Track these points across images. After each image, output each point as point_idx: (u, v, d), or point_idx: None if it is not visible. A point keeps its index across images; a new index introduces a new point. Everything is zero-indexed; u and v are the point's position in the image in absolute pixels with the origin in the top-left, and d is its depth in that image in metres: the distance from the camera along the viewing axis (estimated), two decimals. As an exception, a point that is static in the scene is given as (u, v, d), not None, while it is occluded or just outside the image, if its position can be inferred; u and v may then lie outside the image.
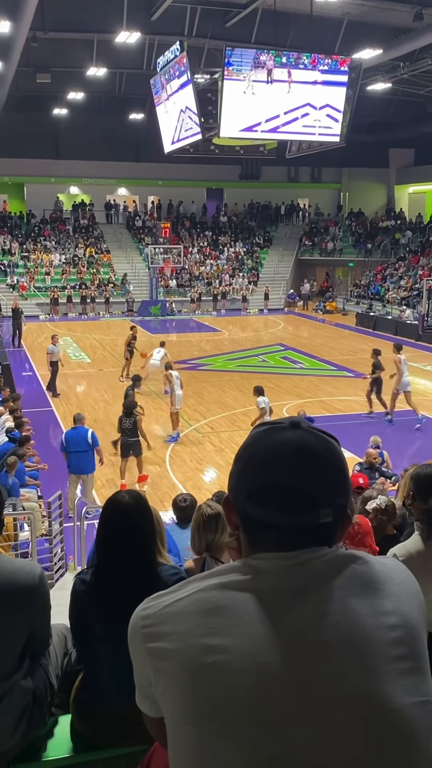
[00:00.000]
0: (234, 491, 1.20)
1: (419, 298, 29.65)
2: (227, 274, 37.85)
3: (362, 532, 4.77)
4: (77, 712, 2.51)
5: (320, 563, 1.13)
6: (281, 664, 1.05)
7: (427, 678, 1.11)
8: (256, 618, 1.08)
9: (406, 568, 1.25)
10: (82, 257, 37.06)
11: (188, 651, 1.08)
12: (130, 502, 2.43)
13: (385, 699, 1.04)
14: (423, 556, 2.95)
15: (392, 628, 1.09)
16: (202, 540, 3.53)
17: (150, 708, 1.18)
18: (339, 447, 1.21)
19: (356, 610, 1.09)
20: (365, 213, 42.72)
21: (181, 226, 40.81)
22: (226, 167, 38.40)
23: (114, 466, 12.54)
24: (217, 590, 1.12)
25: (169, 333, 30.42)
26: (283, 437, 1.17)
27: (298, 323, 33.01)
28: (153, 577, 2.37)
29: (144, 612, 1.17)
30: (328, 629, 1.07)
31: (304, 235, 41.32)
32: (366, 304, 34.90)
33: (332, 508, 1.14)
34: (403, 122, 35.69)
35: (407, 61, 25.27)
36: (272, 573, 1.12)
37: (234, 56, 17.31)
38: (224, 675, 1.05)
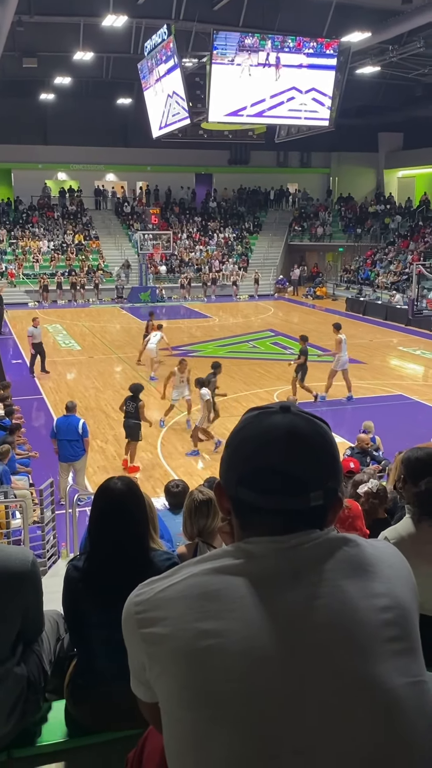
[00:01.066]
0: (225, 476, 1.20)
1: (409, 282, 29.67)
2: (217, 260, 37.72)
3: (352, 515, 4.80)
4: (71, 697, 2.52)
5: (312, 546, 1.13)
6: (275, 647, 1.05)
7: (419, 659, 1.12)
8: (249, 602, 1.08)
9: (398, 551, 1.25)
10: (70, 244, 36.84)
11: (182, 636, 1.08)
12: (123, 488, 2.43)
13: (377, 680, 1.05)
14: (414, 538, 2.96)
15: (384, 609, 1.10)
16: (194, 525, 3.54)
17: (144, 693, 1.19)
18: (329, 431, 1.21)
19: (348, 593, 1.09)
20: (355, 198, 42.63)
21: (171, 211, 40.60)
22: (215, 152, 38.15)
23: (105, 454, 12.55)
24: (210, 575, 1.12)
25: (160, 319, 30.34)
26: (273, 421, 1.17)
27: (288, 309, 32.99)
28: (146, 562, 2.37)
29: (137, 598, 1.17)
30: (321, 612, 1.08)
31: (294, 221, 41.21)
32: (356, 289, 34.92)
33: (323, 491, 1.14)
34: (393, 106, 35.53)
35: (396, 44, 25.11)
36: (264, 557, 1.12)
37: (218, 39, 17.16)
38: (218, 659, 1.05)
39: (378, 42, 24.58)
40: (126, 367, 20.00)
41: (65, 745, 2.45)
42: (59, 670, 2.66)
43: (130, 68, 24.80)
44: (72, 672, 2.56)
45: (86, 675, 2.47)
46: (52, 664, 2.65)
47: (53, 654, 2.69)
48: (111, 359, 20.83)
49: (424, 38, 23.98)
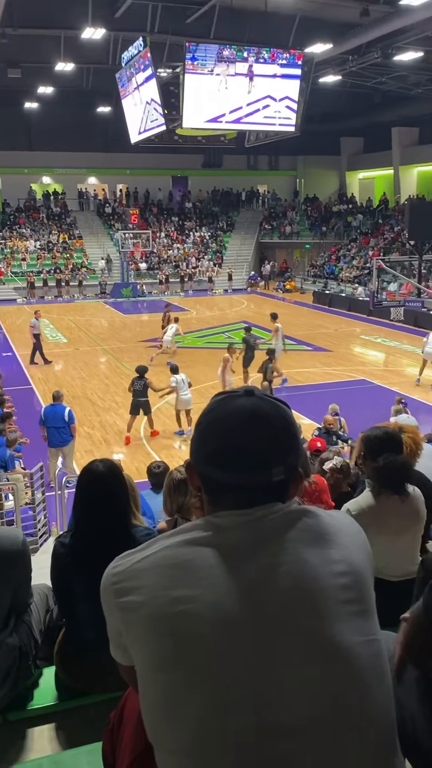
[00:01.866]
0: (195, 455, 1.20)
1: (370, 276, 29.80)
2: (193, 257, 37.58)
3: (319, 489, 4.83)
4: (60, 663, 2.52)
5: (274, 518, 1.14)
6: (241, 611, 1.06)
7: (374, 619, 1.13)
8: (217, 570, 1.09)
9: (354, 520, 1.26)
10: (56, 243, 36.48)
11: (155, 603, 1.08)
12: (104, 470, 2.42)
13: (335, 639, 1.06)
14: (373, 510, 3.00)
15: (341, 574, 1.11)
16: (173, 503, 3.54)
17: (122, 657, 1.18)
18: (290, 412, 1.21)
19: (308, 560, 1.10)
20: (320, 198, 42.65)
21: (149, 212, 40.34)
22: (190, 156, 37.96)
23: (92, 439, 12.50)
24: (182, 546, 1.12)
25: (141, 313, 30.21)
26: (238, 404, 1.17)
27: (260, 302, 32.99)
28: (127, 537, 2.37)
29: (114, 570, 1.17)
30: (283, 578, 1.08)
31: (264, 220, 41.15)
32: (322, 282, 35.00)
33: (284, 467, 1.15)
34: (353, 112, 35.55)
35: (356, 54, 25.07)
36: (231, 529, 1.13)
37: (199, 51, 17.06)
38: (189, 623, 1.05)
39: (339, 53, 24.54)
40: (110, 358, 19.89)
41: (55, 708, 2.46)
42: (49, 639, 2.67)
43: (108, 78, 24.48)
44: (61, 640, 2.57)
45: (74, 643, 2.48)
46: (42, 633, 2.66)
47: (43, 624, 2.69)
48: (96, 351, 20.70)
49: (381, 49, 23.97)
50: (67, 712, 2.43)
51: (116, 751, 1.33)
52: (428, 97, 30.39)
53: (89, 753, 1.86)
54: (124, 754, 1.28)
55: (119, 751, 1.32)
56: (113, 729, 1.37)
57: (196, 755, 1.02)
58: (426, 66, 26.81)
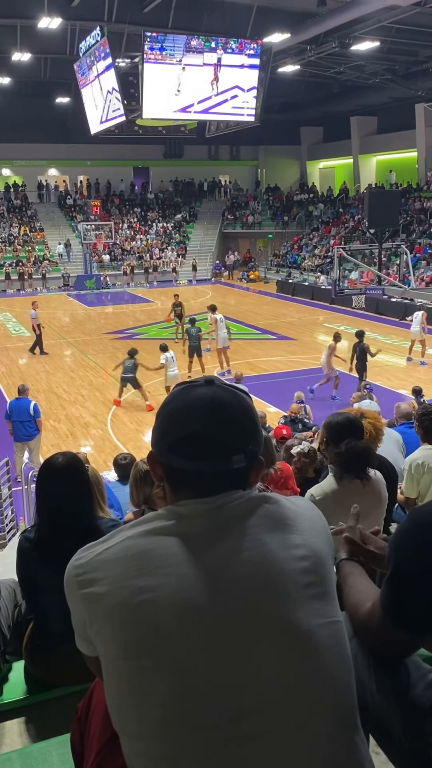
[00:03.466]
0: (156, 445, 1.20)
1: (332, 265, 30.04)
2: (157, 248, 37.36)
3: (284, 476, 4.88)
4: (30, 657, 2.51)
5: (236, 505, 1.15)
6: (204, 598, 1.06)
7: (334, 602, 1.15)
8: (180, 559, 1.09)
9: (314, 505, 1.28)
10: (17, 236, 35.87)
11: (119, 593, 1.08)
12: (63, 462, 2.41)
13: (296, 622, 1.07)
14: (336, 494, 3.04)
15: (301, 558, 1.12)
16: (140, 494, 3.52)
17: (87, 648, 1.18)
18: (250, 400, 1.22)
19: (269, 545, 1.11)
20: (281, 188, 42.74)
21: (111, 203, 39.93)
22: (151, 147, 37.69)
23: (58, 432, 12.41)
24: (145, 536, 1.13)
25: (105, 305, 29.96)
26: (198, 393, 1.18)
27: (224, 292, 32.99)
28: (92, 529, 2.36)
29: (77, 562, 1.16)
30: (245, 564, 1.09)
31: (227, 210, 41.09)
32: (285, 272, 35.13)
33: (244, 454, 1.15)
34: (312, 102, 35.66)
35: (314, 44, 25.12)
36: (193, 517, 1.13)
37: (167, 41, 16.95)
38: (153, 611, 1.06)
39: (297, 42, 24.56)
40: (75, 351, 19.70)
41: (25, 702, 2.45)
42: (18, 633, 2.65)
43: (67, 68, 24.11)
44: (29, 634, 2.55)
45: (42, 636, 2.47)
46: (11, 628, 2.64)
47: (11, 619, 2.67)
48: (60, 344, 20.47)
49: (338, 38, 24.06)
50: (37, 705, 2.42)
51: (85, 740, 1.34)
52: (385, 86, 30.63)
53: (59, 744, 1.86)
54: (93, 743, 1.29)
55: (87, 740, 1.32)
56: (81, 718, 1.38)
57: (161, 740, 1.03)
58: (383, 56, 27.00)
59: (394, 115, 34.02)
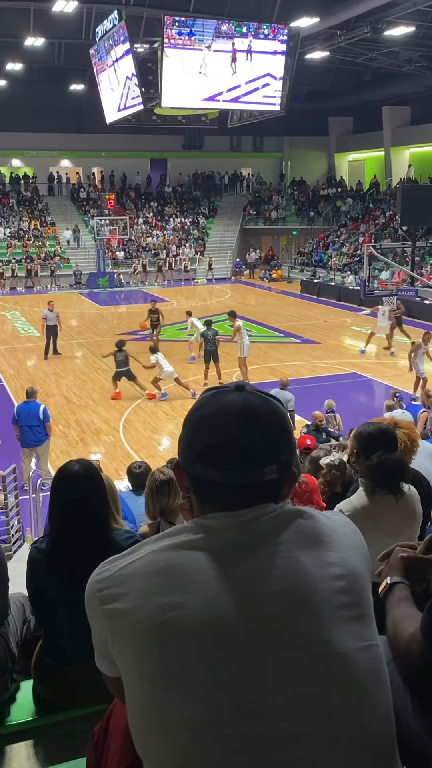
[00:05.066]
0: (183, 454, 1.21)
1: (360, 264, 29.93)
2: (174, 245, 37.50)
3: (309, 489, 4.86)
4: (39, 676, 2.52)
5: (267, 519, 1.14)
6: (233, 617, 1.06)
7: (371, 624, 1.15)
8: (208, 575, 1.09)
9: (350, 521, 1.28)
10: (27, 231, 36.19)
11: (143, 609, 1.08)
12: (80, 470, 2.42)
13: (331, 645, 1.07)
14: (367, 510, 3.02)
15: (337, 578, 1.12)
16: (156, 505, 3.53)
17: (108, 668, 1.19)
18: (282, 407, 1.22)
19: (303, 563, 1.11)
20: (307, 181, 42.71)
21: (126, 197, 40.15)
22: (169, 137, 37.81)
23: (68, 438, 12.47)
24: (171, 550, 1.13)
25: (119, 304, 30.12)
26: (229, 399, 1.18)
27: (244, 292, 33.01)
28: (107, 541, 2.37)
29: (99, 576, 1.17)
30: (277, 581, 1.09)
31: (248, 205, 41.14)
32: (310, 271, 35.09)
33: (277, 465, 1.15)
34: (342, 90, 35.63)
35: (344, 29, 25.13)
36: (222, 531, 1.13)
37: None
38: (179, 630, 1.06)
39: (326, 27, 24.58)
40: (86, 353, 19.81)
41: (33, 723, 2.46)
42: (26, 651, 2.66)
43: (82, 54, 24.32)
44: (38, 652, 2.56)
45: (52, 654, 2.48)
46: (19, 645, 2.65)
47: (20, 636, 2.68)
48: (71, 345, 20.59)
49: (370, 23, 24.05)
50: (46, 727, 2.43)
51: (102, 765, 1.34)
52: (420, 74, 30.53)
53: (70, 770, 1.87)
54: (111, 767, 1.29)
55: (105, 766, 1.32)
56: (98, 742, 1.38)
57: (187, 767, 1.03)
58: (418, 41, 26.92)
59: (430, 105, 33.86)
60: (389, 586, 1.47)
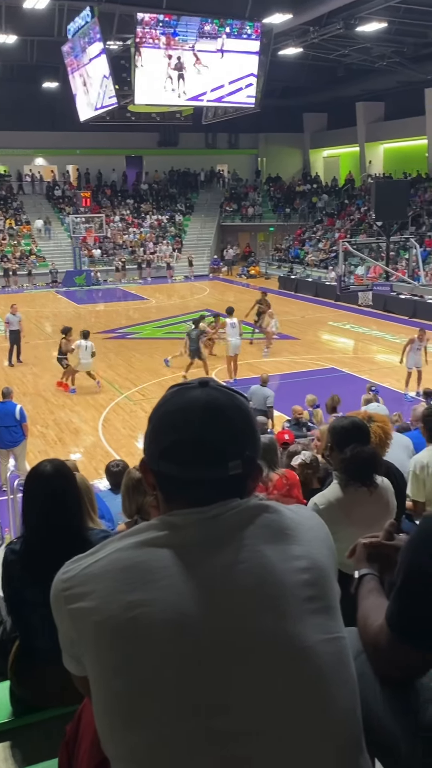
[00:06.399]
0: (148, 451, 1.21)
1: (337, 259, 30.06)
2: (151, 242, 37.39)
3: (289, 484, 4.88)
4: (15, 677, 2.51)
5: (232, 515, 1.15)
6: (199, 613, 1.06)
7: (337, 616, 1.15)
8: (173, 571, 1.09)
9: (316, 514, 1.28)
10: (2, 229, 35.88)
11: (109, 608, 1.08)
12: (51, 471, 2.41)
13: (297, 638, 1.07)
14: (341, 502, 3.04)
15: (302, 571, 1.12)
16: (132, 503, 3.52)
17: (76, 667, 1.18)
18: (247, 403, 1.23)
19: (268, 557, 1.11)
20: (282, 178, 42.82)
21: (102, 194, 39.96)
22: (144, 135, 37.66)
23: (46, 438, 12.40)
24: (136, 548, 1.13)
25: (96, 303, 29.97)
26: (192, 395, 1.18)
27: (223, 288, 33.01)
28: (82, 541, 2.36)
29: (64, 575, 1.16)
30: (242, 576, 1.09)
31: (225, 201, 41.15)
32: (287, 267, 35.18)
33: (241, 460, 1.16)
34: (316, 87, 35.71)
35: (316, 25, 25.18)
36: (187, 527, 1.13)
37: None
38: (145, 627, 1.06)
39: (299, 23, 24.60)
40: (64, 352, 19.66)
41: (11, 725, 2.44)
42: (3, 652, 2.64)
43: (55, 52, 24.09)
44: (15, 653, 2.55)
45: (28, 655, 2.47)
46: (-4, 646, 2.63)
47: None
48: (48, 344, 20.44)
49: (343, 19, 24.12)
50: (24, 728, 2.42)
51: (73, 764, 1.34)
52: (393, 70, 30.69)
53: (47, 770, 1.86)
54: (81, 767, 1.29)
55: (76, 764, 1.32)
56: (69, 741, 1.38)
57: (152, 763, 1.03)
58: (390, 37, 27.06)
59: (403, 101, 34.08)
60: (358, 579, 1.48)
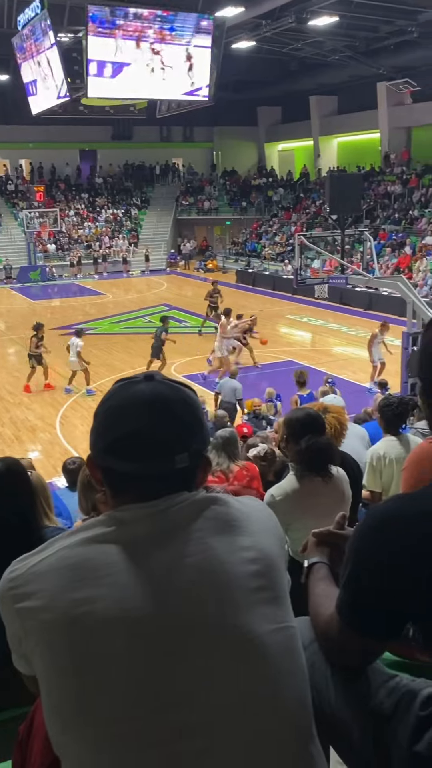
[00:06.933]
0: (94, 447, 1.20)
1: (293, 253, 30.22)
2: (107, 236, 37.08)
3: (250, 476, 4.91)
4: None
5: (180, 508, 1.15)
6: (147, 608, 1.06)
7: (286, 606, 1.16)
8: (121, 567, 1.09)
9: (265, 505, 1.29)
10: None
11: (56, 606, 1.07)
12: (2, 469, 2.38)
13: (245, 629, 1.08)
14: (298, 493, 3.07)
15: (250, 561, 1.13)
16: (88, 501, 3.48)
17: (25, 667, 1.17)
18: (194, 395, 1.23)
19: (215, 549, 1.12)
20: (238, 171, 42.84)
21: (56, 188, 39.45)
22: (98, 128, 37.27)
23: (2, 437, 12.24)
24: (82, 545, 1.12)
25: (52, 298, 29.62)
26: (137, 389, 1.18)
27: (180, 283, 32.94)
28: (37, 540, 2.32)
29: (11, 574, 1.15)
30: (190, 570, 1.09)
31: (181, 195, 41.02)
32: (244, 261, 35.25)
33: (188, 453, 1.16)
34: (270, 80, 35.76)
35: (269, 18, 25.21)
36: (135, 522, 1.13)
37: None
38: (93, 624, 1.05)
39: (252, 17, 24.58)
40: (20, 349, 19.39)
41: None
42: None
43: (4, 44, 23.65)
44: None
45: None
46: None
47: None
48: (2, 341, 20.17)
49: (295, 13, 24.18)
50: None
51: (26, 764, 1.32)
52: (345, 64, 30.92)
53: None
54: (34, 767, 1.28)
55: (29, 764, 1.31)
56: (22, 742, 1.36)
57: (106, 761, 1.02)
58: (342, 32, 27.25)
59: (356, 95, 34.38)
60: (308, 568, 1.49)
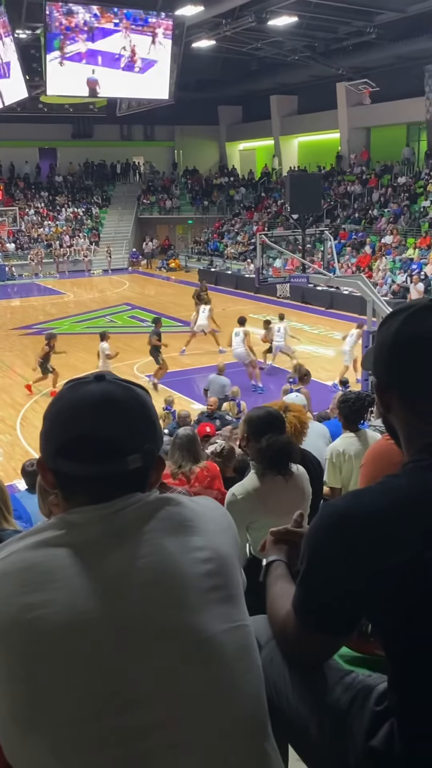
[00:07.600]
0: (44, 449, 1.18)
1: (255, 252, 30.33)
2: (67, 235, 36.76)
3: (211, 476, 4.91)
4: None
5: (133, 510, 1.13)
6: (99, 611, 1.05)
7: (240, 605, 1.16)
8: (72, 571, 1.07)
9: (219, 504, 1.28)
10: None
11: (7, 611, 1.05)
12: None
13: (198, 629, 1.07)
14: (259, 492, 3.07)
15: (204, 561, 1.12)
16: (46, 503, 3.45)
17: None
18: (147, 395, 1.21)
19: (168, 549, 1.11)
20: (200, 170, 42.84)
21: (15, 187, 38.95)
22: (58, 126, 36.87)
23: (-38, 439, 12.05)
24: (33, 549, 1.10)
25: (11, 298, 29.24)
26: (87, 390, 1.16)
27: (143, 282, 32.82)
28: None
29: None
30: (143, 571, 1.08)
31: (143, 194, 40.86)
32: (207, 260, 35.27)
33: (140, 453, 1.14)
34: (230, 80, 35.83)
35: (229, 18, 25.24)
36: (87, 525, 1.11)
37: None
38: (45, 629, 1.03)
39: (211, 16, 24.59)
40: (-20, 349, 19.12)
41: None
42: None
43: (-41, 38, 23.25)
44: None
45: None
46: None
47: None
48: (-38, 342, 19.84)
49: (254, 12, 24.25)
50: None
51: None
52: (305, 64, 31.12)
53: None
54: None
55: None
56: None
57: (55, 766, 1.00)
58: (301, 32, 27.43)
59: (315, 95, 34.63)
60: (265, 566, 1.49)
